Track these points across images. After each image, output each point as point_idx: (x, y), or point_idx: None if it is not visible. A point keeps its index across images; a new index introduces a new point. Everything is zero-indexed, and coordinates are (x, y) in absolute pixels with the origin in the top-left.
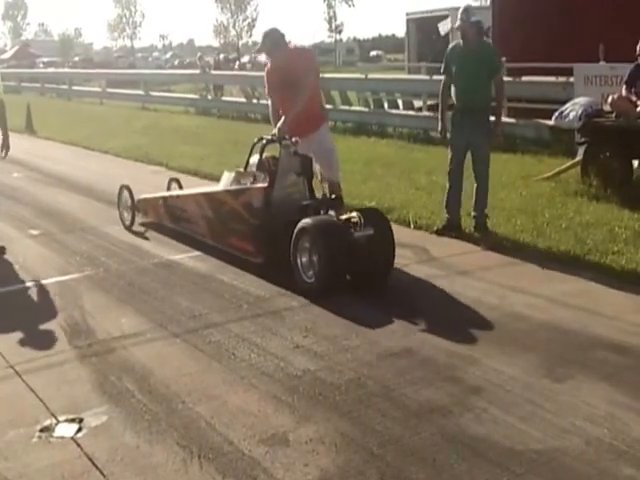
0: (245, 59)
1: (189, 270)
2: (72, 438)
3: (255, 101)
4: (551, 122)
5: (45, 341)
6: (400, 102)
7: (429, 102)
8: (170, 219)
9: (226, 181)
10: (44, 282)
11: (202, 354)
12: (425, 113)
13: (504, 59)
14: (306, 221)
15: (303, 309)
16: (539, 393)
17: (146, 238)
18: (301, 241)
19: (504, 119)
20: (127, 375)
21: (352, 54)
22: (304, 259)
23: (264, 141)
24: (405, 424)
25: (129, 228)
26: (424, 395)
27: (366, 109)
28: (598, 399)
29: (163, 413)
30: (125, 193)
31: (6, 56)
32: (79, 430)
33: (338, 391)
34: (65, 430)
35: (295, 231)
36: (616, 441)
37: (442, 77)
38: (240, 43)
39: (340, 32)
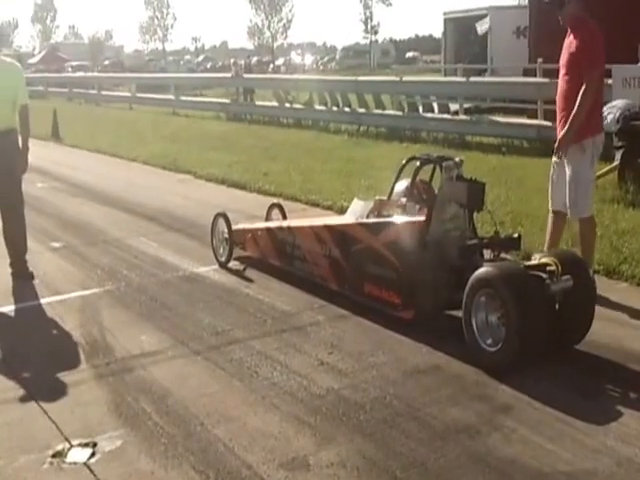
0: (280, 61)
1: (213, 284)
2: (85, 464)
3: (288, 105)
4: None
5: (62, 360)
6: (435, 105)
7: (465, 105)
8: (277, 256)
9: (360, 211)
10: (63, 297)
11: (223, 372)
12: (461, 117)
13: (540, 60)
14: (487, 269)
15: (330, 324)
16: (570, 411)
17: (174, 252)
18: (478, 295)
19: (541, 122)
20: (144, 396)
21: (387, 56)
22: (481, 320)
23: (418, 162)
24: (430, 446)
25: (225, 266)
26: (451, 414)
27: (400, 113)
28: (629, 417)
29: (180, 436)
30: (220, 222)
31: (34, 60)
32: (92, 455)
33: (362, 411)
34: (78, 455)
35: (470, 282)
36: None
37: (483, 79)
38: (275, 45)
39: (376, 33)
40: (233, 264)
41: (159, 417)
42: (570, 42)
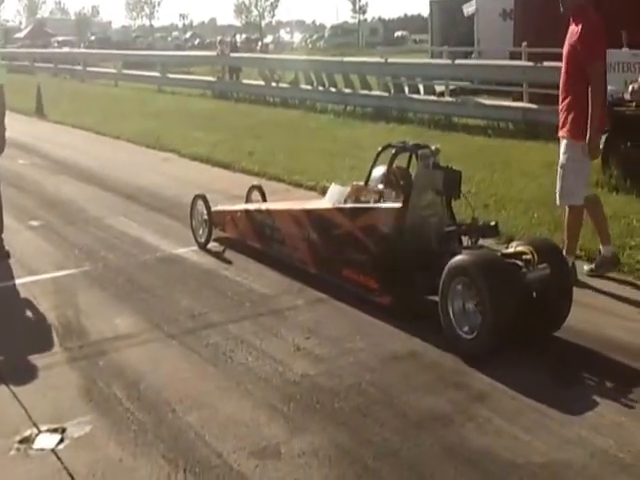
0: (268, 39)
1: (192, 265)
2: (52, 450)
3: (274, 84)
4: None
5: (34, 342)
6: (421, 87)
7: (451, 87)
8: (256, 238)
9: (338, 196)
10: (39, 278)
11: (198, 357)
12: (447, 98)
13: (525, 44)
14: (462, 257)
15: (308, 308)
16: (546, 400)
17: (154, 232)
18: (454, 283)
19: (526, 105)
20: (117, 380)
21: (376, 35)
22: (457, 308)
23: (394, 149)
24: (404, 435)
25: (204, 247)
26: (426, 403)
27: (386, 94)
28: (605, 407)
29: (151, 423)
30: (200, 203)
31: (20, 35)
32: (61, 441)
33: (337, 398)
34: (46, 441)
35: (447, 269)
36: (622, 453)
37: (469, 61)
38: (263, 23)
39: (364, 12)
40: (212, 245)
41: (130, 403)
42: (571, 32)
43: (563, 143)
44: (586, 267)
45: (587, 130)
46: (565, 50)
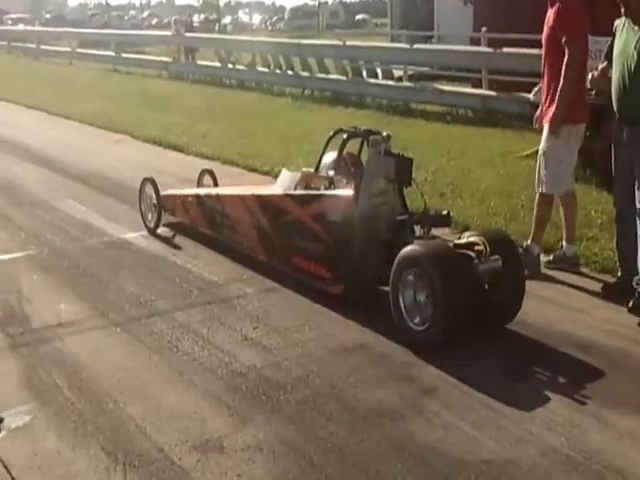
0: (227, 20)
1: (141, 251)
2: None
3: (230, 66)
4: (530, 97)
5: None
6: (379, 71)
7: (410, 72)
8: (207, 224)
9: (288, 182)
10: None
11: (142, 346)
12: (405, 83)
13: (484, 29)
14: (413, 247)
15: (257, 296)
16: (497, 395)
17: (102, 216)
18: (405, 274)
19: (485, 92)
20: (58, 369)
21: (336, 17)
22: (408, 299)
23: (345, 135)
24: (351, 429)
25: (153, 232)
26: (374, 396)
27: (343, 77)
28: (557, 403)
29: (91, 413)
30: (148, 187)
31: None
32: None
33: (283, 391)
34: None
35: (398, 259)
36: (573, 452)
37: (427, 46)
38: (222, 3)
39: None
40: (162, 230)
41: (71, 392)
42: (548, 16)
43: (545, 129)
44: (544, 258)
45: (566, 112)
46: (544, 35)
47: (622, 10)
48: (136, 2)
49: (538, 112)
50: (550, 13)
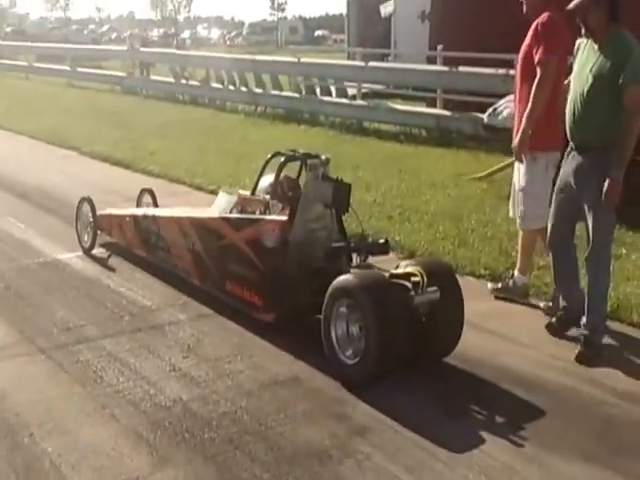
0: (185, 35)
1: (74, 272)
2: None
3: (184, 82)
4: (484, 119)
5: None
6: (333, 89)
7: (364, 90)
8: (142, 245)
9: (224, 205)
10: None
11: (66, 376)
12: (359, 102)
13: (440, 47)
14: (346, 277)
15: (190, 323)
16: (432, 436)
17: (41, 235)
18: (337, 305)
19: (440, 111)
20: None
21: (295, 33)
22: (340, 331)
23: (283, 158)
24: (276, 471)
25: (88, 252)
26: (303, 435)
27: (297, 95)
28: (494, 445)
29: (5, 449)
30: (85, 207)
31: None
32: None
33: (208, 427)
34: None
35: (330, 289)
36: None
37: (382, 64)
38: (180, 18)
39: (283, 10)
40: (98, 251)
41: None
42: (527, 34)
43: (525, 162)
44: (490, 285)
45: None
46: (520, 54)
47: (582, 31)
48: (96, 17)
49: (515, 141)
50: (529, 31)
